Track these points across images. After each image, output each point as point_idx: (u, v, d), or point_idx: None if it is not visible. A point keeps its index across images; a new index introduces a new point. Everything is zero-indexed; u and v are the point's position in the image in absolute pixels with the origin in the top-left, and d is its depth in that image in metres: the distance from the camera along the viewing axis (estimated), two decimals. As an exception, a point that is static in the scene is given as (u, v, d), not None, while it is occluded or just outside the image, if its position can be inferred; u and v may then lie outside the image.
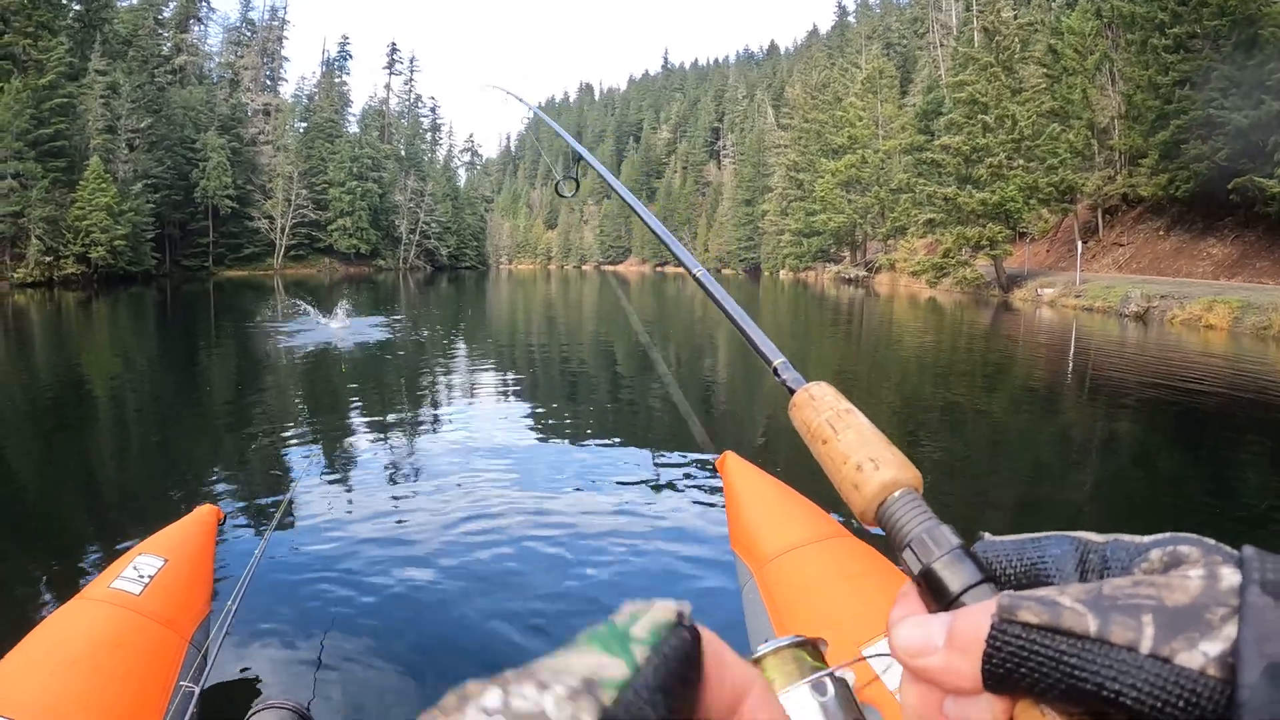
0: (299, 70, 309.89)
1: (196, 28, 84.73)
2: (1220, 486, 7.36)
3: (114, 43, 61.32)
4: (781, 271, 79.22)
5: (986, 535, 0.46)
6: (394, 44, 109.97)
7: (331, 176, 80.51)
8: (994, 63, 36.94)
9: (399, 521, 6.01)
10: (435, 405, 11.27)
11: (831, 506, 5.30)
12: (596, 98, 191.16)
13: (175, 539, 3.53)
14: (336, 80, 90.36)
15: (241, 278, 64.52)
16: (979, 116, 36.98)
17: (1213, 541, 0.36)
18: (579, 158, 2.24)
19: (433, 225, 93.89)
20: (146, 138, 59.38)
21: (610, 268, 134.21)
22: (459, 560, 5.21)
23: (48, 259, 47.10)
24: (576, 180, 2.52)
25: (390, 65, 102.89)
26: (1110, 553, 0.40)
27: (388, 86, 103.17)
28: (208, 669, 2.98)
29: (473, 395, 12.05)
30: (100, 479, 7.74)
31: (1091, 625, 0.33)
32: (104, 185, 49.37)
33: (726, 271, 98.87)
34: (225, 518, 4.00)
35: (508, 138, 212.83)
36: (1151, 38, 32.86)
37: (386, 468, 7.74)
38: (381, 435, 9.22)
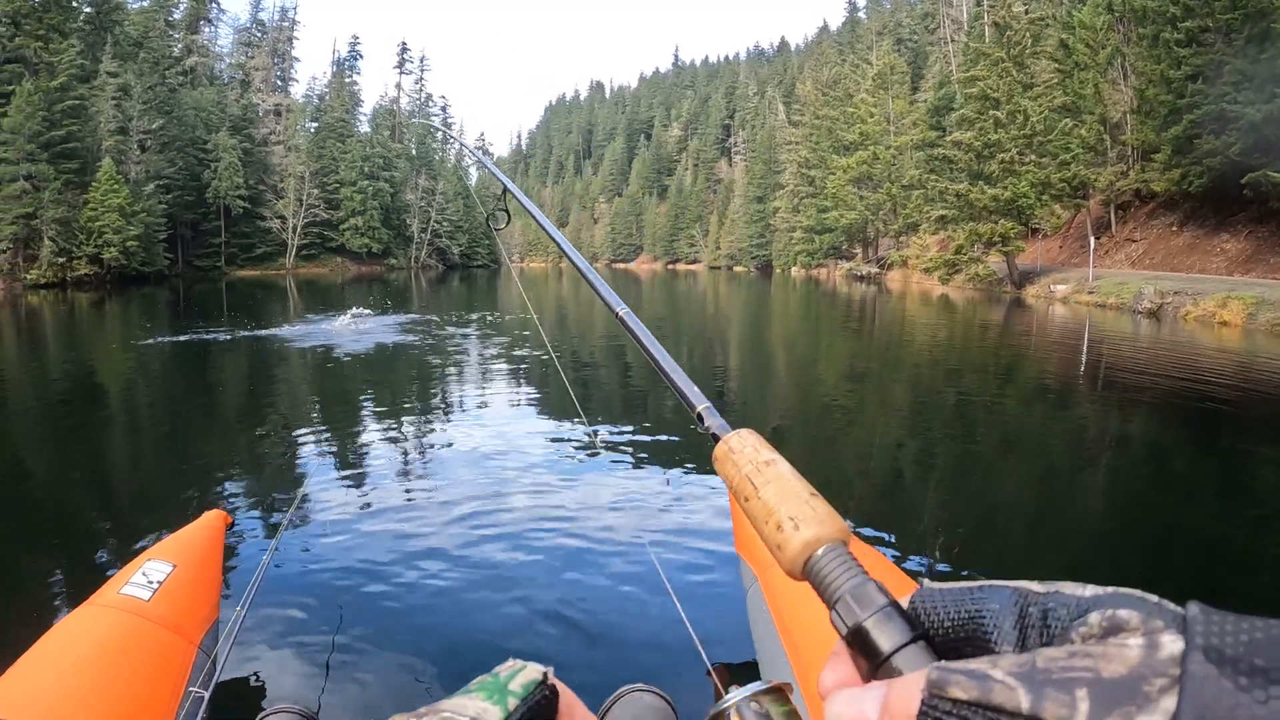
0: (309, 70, 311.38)
1: (207, 29, 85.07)
2: (1235, 485, 7.32)
3: (125, 45, 61.65)
4: (793, 269, 79.21)
5: (926, 583, 0.45)
6: (404, 43, 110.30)
7: (343, 176, 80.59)
8: (1005, 58, 36.74)
9: (409, 524, 6.01)
10: (444, 404, 11.28)
11: (837, 507, 5.24)
12: (607, 95, 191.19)
13: (184, 544, 3.54)
14: (347, 80, 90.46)
15: (254, 277, 64.71)
16: (991, 112, 36.79)
17: (1155, 600, 0.35)
18: (505, 189, 2.34)
19: (444, 224, 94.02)
20: (158, 139, 59.63)
21: (622, 265, 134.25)
22: (468, 562, 5.22)
23: (60, 260, 47.41)
24: (507, 212, 2.63)
25: (401, 65, 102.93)
26: (1050, 605, 0.39)
27: (398, 86, 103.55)
28: (217, 674, 2.99)
29: (482, 393, 12.07)
30: (110, 482, 7.74)
31: (1024, 701, 0.32)
32: (116, 186, 49.61)
33: (738, 269, 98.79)
34: (234, 522, 3.99)
35: (519, 136, 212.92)
36: (1163, 32, 32.66)
37: (396, 469, 7.74)
38: (391, 436, 9.22)
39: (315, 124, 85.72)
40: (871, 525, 6.09)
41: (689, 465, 7.54)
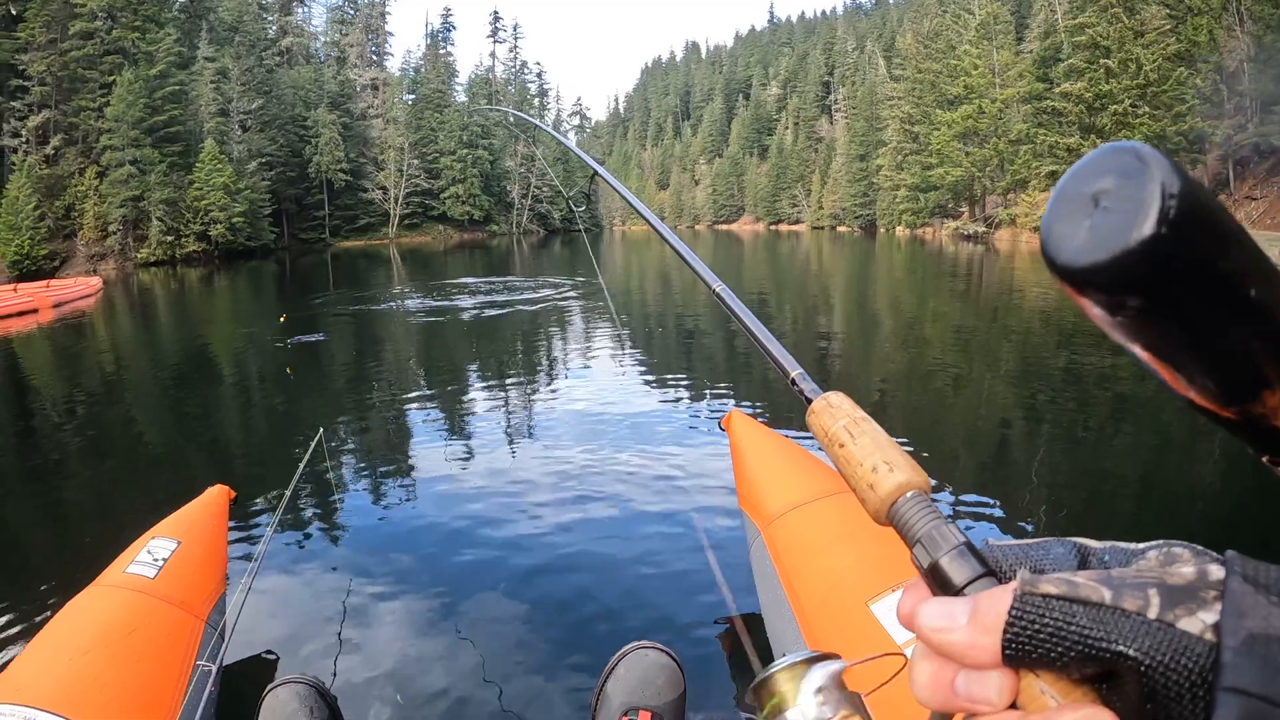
0: (404, 44, 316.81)
1: (300, 9, 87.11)
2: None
3: (220, 30, 63.88)
4: (898, 228, 77.50)
5: (990, 541, 0.48)
6: (496, 12, 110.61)
7: (442, 146, 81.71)
8: (1114, 3, 35.17)
9: (412, 490, 6.13)
10: (453, 375, 11.54)
11: (944, 468, 5.04)
12: (703, 56, 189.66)
13: (188, 521, 3.58)
14: (441, 51, 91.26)
15: (358, 248, 66.42)
16: (1101, 61, 35.36)
17: (1200, 547, 0.41)
18: (594, 174, 2.35)
19: (544, 190, 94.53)
20: (258, 118, 61.73)
21: (724, 226, 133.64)
22: (475, 526, 5.26)
23: (169, 238, 49.93)
24: (588, 195, 2.57)
25: (494, 34, 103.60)
26: (1108, 554, 0.44)
27: (493, 54, 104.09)
28: (224, 647, 3.07)
29: (492, 364, 12.28)
30: (119, 461, 7.93)
31: (1105, 595, 0.37)
32: (219, 166, 51.67)
33: (842, 229, 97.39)
34: (237, 497, 4.06)
35: (616, 99, 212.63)
36: (1283, -29, 30.83)
37: (398, 438, 7.87)
38: (396, 407, 9.41)
39: (412, 96, 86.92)
40: (977, 489, 6.04)
41: (696, 425, 7.75)
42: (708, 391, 9.48)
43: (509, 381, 10.45)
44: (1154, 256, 0.34)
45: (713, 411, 8.00)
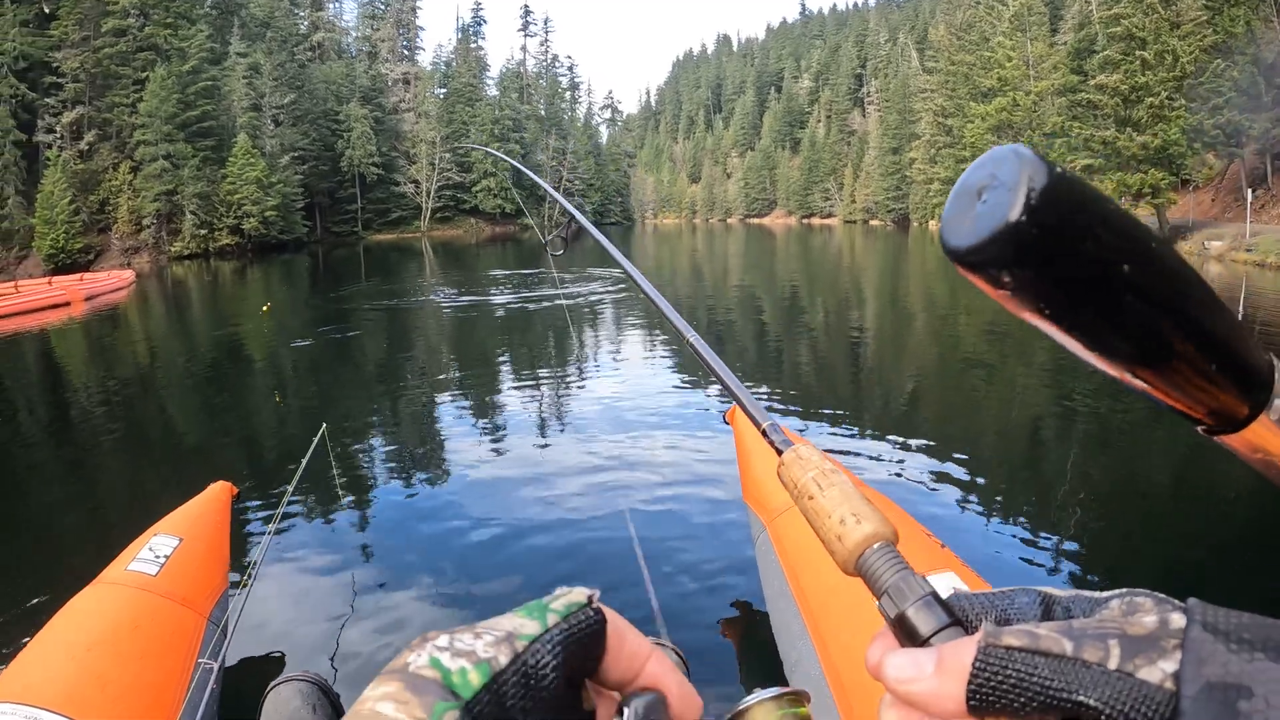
0: (435, 38, 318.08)
1: (331, 5, 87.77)
2: None
3: (252, 26, 64.57)
4: (931, 222, 76.90)
5: (957, 590, 0.49)
6: (527, 5, 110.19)
7: (473, 139, 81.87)
8: (1150, -7, 34.61)
9: (413, 488, 6.14)
10: (456, 370, 11.51)
11: (974, 468, 4.94)
12: (735, 48, 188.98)
13: (190, 517, 3.56)
14: (472, 46, 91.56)
15: (390, 241, 66.96)
16: (1137, 53, 34.73)
17: (1162, 595, 0.41)
18: (570, 218, 2.45)
19: (576, 183, 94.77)
20: (291, 113, 62.32)
21: (756, 220, 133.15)
22: (474, 522, 5.23)
23: (202, 232, 50.66)
24: (565, 239, 2.76)
25: (525, 28, 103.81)
26: (1072, 604, 0.44)
27: (524, 49, 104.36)
28: (226, 645, 3.05)
29: (497, 359, 12.34)
30: (126, 457, 7.94)
31: (1067, 647, 0.38)
32: (252, 160, 52.25)
33: (874, 223, 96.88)
34: (239, 493, 4.04)
35: (647, 93, 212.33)
36: (1324, -40, 30.22)
37: (402, 435, 7.87)
38: (402, 403, 9.40)
39: (444, 90, 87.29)
40: (1008, 486, 6.02)
41: (702, 419, 7.72)
42: (717, 385, 9.43)
43: (510, 376, 10.48)
44: (1018, 238, 0.37)
45: (721, 405, 7.97)
